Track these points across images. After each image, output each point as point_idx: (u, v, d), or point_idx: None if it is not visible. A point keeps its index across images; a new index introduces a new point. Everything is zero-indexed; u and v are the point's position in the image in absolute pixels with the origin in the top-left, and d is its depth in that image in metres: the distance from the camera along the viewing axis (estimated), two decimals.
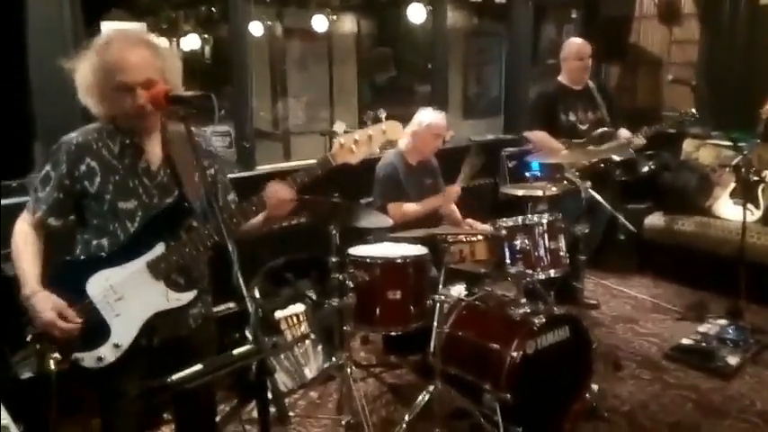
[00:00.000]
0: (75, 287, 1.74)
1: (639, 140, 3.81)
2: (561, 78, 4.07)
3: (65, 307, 1.70)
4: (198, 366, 1.34)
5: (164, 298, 1.79)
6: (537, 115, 4.05)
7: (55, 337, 1.69)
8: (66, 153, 1.78)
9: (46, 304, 1.69)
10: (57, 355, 1.73)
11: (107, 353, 1.73)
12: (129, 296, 1.76)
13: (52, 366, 1.71)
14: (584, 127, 3.96)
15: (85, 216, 1.82)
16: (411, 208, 3.35)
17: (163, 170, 1.84)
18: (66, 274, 1.78)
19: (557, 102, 3.97)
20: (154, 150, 1.84)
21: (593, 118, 3.99)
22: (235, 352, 1.37)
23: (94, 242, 1.81)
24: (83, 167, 1.77)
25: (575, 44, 4.06)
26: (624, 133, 4.00)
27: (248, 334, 2.09)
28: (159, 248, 1.78)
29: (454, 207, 3.61)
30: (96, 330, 1.74)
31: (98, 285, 1.75)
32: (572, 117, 3.96)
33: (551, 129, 3.92)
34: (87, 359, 1.73)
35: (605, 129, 3.95)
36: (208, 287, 1.97)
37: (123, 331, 1.75)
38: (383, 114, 1.95)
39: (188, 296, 1.84)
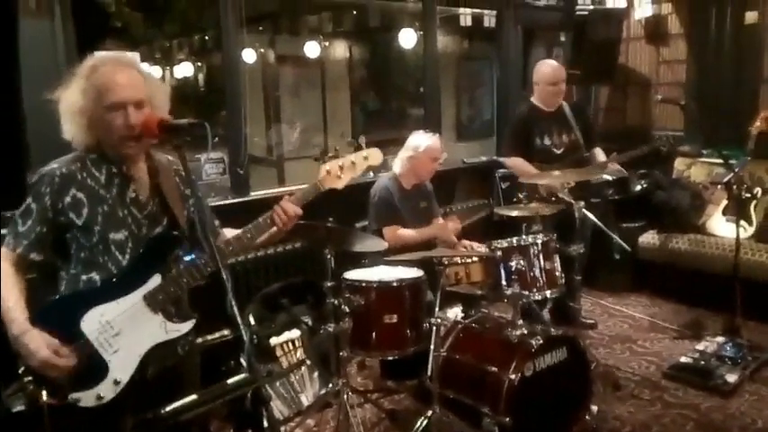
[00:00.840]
0: (67, 326, 1.68)
1: (614, 166, 3.83)
2: (534, 100, 4.03)
3: (59, 345, 1.64)
4: (192, 396, 1.32)
5: (162, 330, 1.76)
6: (513, 141, 4.02)
7: (49, 376, 1.64)
8: (50, 185, 1.72)
9: (40, 342, 1.62)
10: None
11: (106, 390, 1.68)
12: (127, 331, 1.71)
13: (45, 399, 1.68)
14: (558, 151, 3.94)
15: (71, 250, 1.76)
16: (407, 234, 3.35)
17: (152, 200, 1.82)
18: (57, 313, 1.71)
19: (532, 125, 3.94)
20: (141, 179, 1.82)
21: (568, 141, 3.97)
22: (229, 381, 1.35)
23: (84, 277, 1.75)
24: (68, 199, 1.73)
25: (548, 68, 3.97)
26: (599, 154, 4.02)
27: (243, 362, 2.06)
28: (156, 280, 1.75)
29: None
30: (93, 368, 1.68)
31: (94, 322, 1.70)
32: (546, 141, 3.93)
33: (527, 153, 3.89)
34: (85, 398, 1.67)
35: (579, 154, 3.95)
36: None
37: (122, 367, 1.71)
38: (364, 141, 2.07)
39: (187, 326, 1.81)
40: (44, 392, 1.64)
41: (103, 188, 1.76)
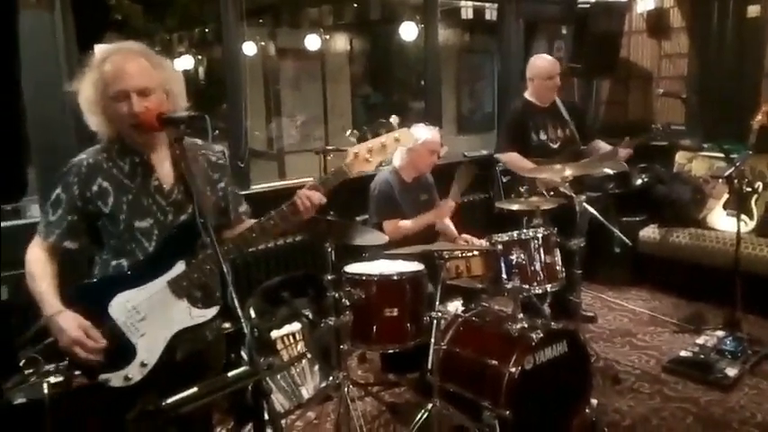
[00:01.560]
0: (95, 310, 1.73)
1: (625, 152, 3.79)
2: (529, 96, 4.00)
3: (90, 327, 1.70)
4: (193, 389, 1.32)
5: (187, 315, 1.79)
6: (508, 136, 4.00)
7: (76, 356, 1.68)
8: (77, 175, 1.77)
9: (72, 322, 1.68)
10: (51, 379, 1.71)
11: (134, 372, 1.73)
12: (153, 316, 1.76)
13: (45, 391, 1.69)
14: (554, 145, 3.92)
15: (102, 237, 1.81)
16: (406, 225, 3.35)
17: (177, 187, 1.84)
18: (85, 297, 1.76)
19: (527, 121, 3.92)
20: (164, 167, 1.84)
21: (563, 135, 3.96)
22: (230, 374, 1.36)
23: (113, 263, 1.80)
24: (95, 188, 1.77)
25: (544, 63, 3.94)
26: (601, 145, 4.01)
27: (244, 355, 2.06)
28: (180, 267, 1.78)
29: (449, 223, 3.61)
30: (122, 351, 1.73)
31: (120, 307, 1.75)
32: (542, 136, 3.91)
33: (523, 149, 3.87)
34: (115, 379, 1.72)
35: (576, 146, 3.95)
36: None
37: (149, 350, 1.75)
38: (396, 122, 1.97)
39: (212, 312, 1.83)
40: (49, 378, 1.66)
41: (127, 177, 1.80)
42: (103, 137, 1.81)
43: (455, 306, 3.18)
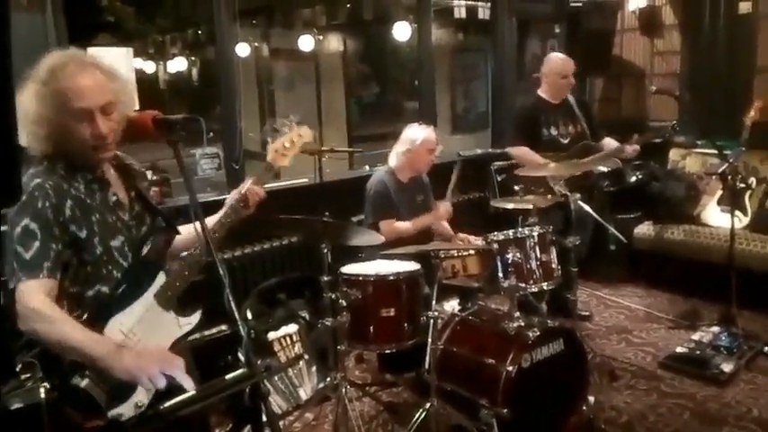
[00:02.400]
0: None
1: (631, 147, 3.80)
2: (541, 93, 4.06)
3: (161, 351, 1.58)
4: (191, 392, 1.32)
5: (176, 326, 1.75)
6: (519, 130, 4.04)
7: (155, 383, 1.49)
8: (46, 198, 1.57)
9: (147, 347, 1.58)
10: (47, 383, 1.68)
11: (142, 396, 1.60)
12: (148, 334, 1.68)
13: (42, 395, 1.67)
14: (565, 141, 3.97)
15: (69, 268, 1.62)
16: (403, 226, 3.35)
17: (133, 201, 1.79)
18: None
19: (538, 116, 3.97)
20: (116, 181, 1.77)
21: (574, 131, 4.00)
22: (228, 377, 1.36)
23: (89, 293, 1.65)
24: (67, 212, 1.61)
25: (559, 61, 4.03)
26: (610, 142, 4.03)
27: (241, 357, 2.06)
28: (161, 278, 1.73)
29: (445, 222, 3.61)
30: (123, 380, 1.56)
31: (115, 333, 1.62)
32: (553, 131, 3.97)
33: (533, 143, 3.91)
34: (126, 411, 1.58)
35: (587, 142, 3.98)
36: None
37: None
38: (287, 123, 2.23)
39: (195, 317, 1.80)
40: (45, 383, 1.62)
41: (88, 197, 1.67)
42: (37, 153, 1.61)
43: (452, 305, 3.18)
